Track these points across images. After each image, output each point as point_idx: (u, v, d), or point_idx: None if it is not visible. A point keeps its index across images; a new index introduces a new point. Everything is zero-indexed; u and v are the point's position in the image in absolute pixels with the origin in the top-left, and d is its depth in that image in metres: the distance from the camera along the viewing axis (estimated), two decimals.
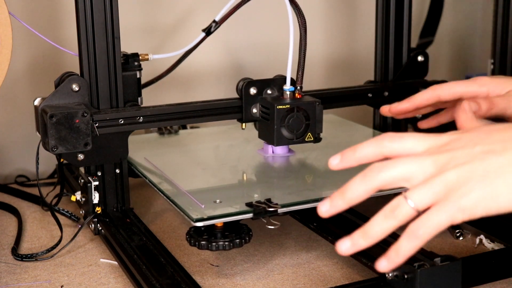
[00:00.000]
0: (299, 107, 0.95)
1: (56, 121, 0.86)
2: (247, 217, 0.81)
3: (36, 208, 1.08)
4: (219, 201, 0.84)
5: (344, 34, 1.48)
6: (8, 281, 0.84)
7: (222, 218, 0.80)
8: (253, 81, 0.98)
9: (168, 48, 1.30)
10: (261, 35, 1.39)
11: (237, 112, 0.99)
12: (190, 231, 0.83)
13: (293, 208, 0.84)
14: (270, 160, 1.02)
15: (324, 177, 0.95)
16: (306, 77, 0.98)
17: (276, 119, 0.94)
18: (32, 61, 1.24)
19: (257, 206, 0.82)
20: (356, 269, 0.86)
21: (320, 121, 0.96)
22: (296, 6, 0.95)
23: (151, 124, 0.95)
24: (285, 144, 0.98)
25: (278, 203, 0.83)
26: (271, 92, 0.98)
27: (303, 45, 0.95)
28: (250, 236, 0.83)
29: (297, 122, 0.95)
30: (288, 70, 0.96)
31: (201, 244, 0.81)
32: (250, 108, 0.98)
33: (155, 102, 0.99)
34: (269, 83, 0.98)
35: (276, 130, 0.95)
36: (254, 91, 0.98)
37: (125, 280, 0.84)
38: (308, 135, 0.96)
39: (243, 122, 0.99)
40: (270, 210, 0.81)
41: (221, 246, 0.80)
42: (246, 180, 0.96)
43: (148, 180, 0.94)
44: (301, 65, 0.96)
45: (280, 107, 0.94)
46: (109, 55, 0.92)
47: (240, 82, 0.99)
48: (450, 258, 0.73)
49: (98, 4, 0.90)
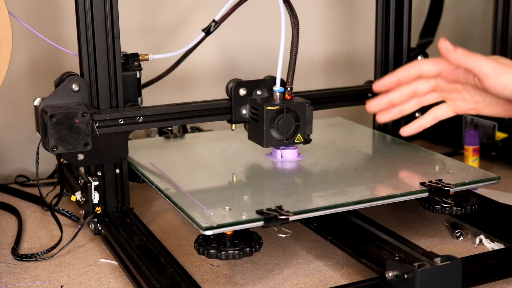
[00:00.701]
0: (289, 108, 0.94)
1: (56, 121, 0.86)
2: (257, 225, 0.79)
3: (36, 208, 1.08)
4: (228, 208, 0.82)
5: (344, 34, 1.48)
6: (8, 281, 0.84)
7: (232, 227, 0.78)
8: (243, 82, 0.97)
9: (168, 48, 1.30)
10: (259, 36, 1.39)
11: (227, 113, 0.98)
12: (198, 239, 0.80)
13: (305, 216, 0.82)
14: (279, 165, 1.00)
15: (334, 182, 0.92)
16: (306, 77, 0.98)
17: (265, 120, 0.93)
18: (32, 61, 1.24)
19: (268, 213, 0.79)
20: (356, 269, 0.86)
21: (310, 122, 0.95)
22: (289, 6, 0.94)
23: (151, 124, 0.95)
24: (275, 146, 0.97)
25: (289, 210, 0.80)
26: (261, 93, 0.98)
27: (295, 46, 0.94)
28: (261, 244, 0.80)
29: (287, 123, 0.94)
30: (278, 70, 0.95)
31: (210, 253, 0.78)
32: (239, 109, 0.97)
33: (155, 102, 0.99)
34: (259, 84, 0.98)
35: (266, 131, 0.93)
36: (243, 92, 0.97)
37: (125, 280, 0.84)
38: (298, 136, 0.95)
39: (232, 123, 0.98)
40: (282, 218, 0.79)
41: (230, 255, 0.78)
42: (255, 186, 0.94)
43: (155, 186, 0.91)
44: (292, 66, 0.95)
45: (269, 108, 0.93)
46: (109, 55, 0.92)
47: (229, 83, 0.98)
48: (450, 258, 0.73)
49: (98, 4, 0.90)
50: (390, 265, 0.74)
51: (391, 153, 1.06)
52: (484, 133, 1.24)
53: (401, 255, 0.78)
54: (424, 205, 0.91)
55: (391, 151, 1.09)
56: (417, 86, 0.87)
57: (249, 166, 1.01)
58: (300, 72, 1.40)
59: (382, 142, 1.15)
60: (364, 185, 0.90)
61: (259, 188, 0.93)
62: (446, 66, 0.84)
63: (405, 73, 0.86)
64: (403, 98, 0.87)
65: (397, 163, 1.00)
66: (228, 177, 0.96)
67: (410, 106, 0.88)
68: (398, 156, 1.04)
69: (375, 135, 1.17)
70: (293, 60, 0.95)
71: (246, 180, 0.96)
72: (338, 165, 0.99)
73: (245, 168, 1.00)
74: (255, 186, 0.94)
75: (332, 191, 0.89)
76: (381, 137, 1.16)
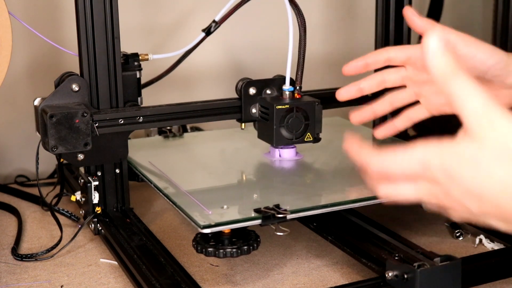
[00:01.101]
0: (298, 107, 0.95)
1: (56, 121, 0.86)
2: (255, 224, 0.79)
3: (36, 208, 1.08)
4: (226, 207, 0.82)
5: (344, 34, 1.48)
6: (8, 281, 0.84)
7: (230, 225, 0.78)
8: (253, 81, 0.98)
9: (168, 48, 1.30)
10: (261, 35, 1.39)
11: (237, 112, 0.99)
12: (196, 237, 0.81)
13: (303, 214, 0.82)
14: (277, 164, 1.00)
15: (332, 181, 0.93)
16: (306, 77, 0.98)
17: (275, 119, 0.94)
18: (32, 61, 1.24)
19: (265, 212, 0.79)
20: (356, 269, 0.86)
21: (320, 121, 0.96)
22: (295, 6, 0.95)
23: (151, 124, 0.95)
24: (284, 144, 0.98)
25: (287, 209, 0.81)
26: (271, 92, 0.98)
27: (303, 45, 0.95)
28: (259, 242, 0.81)
29: (296, 122, 0.95)
30: (287, 70, 0.96)
31: (208, 251, 0.79)
32: (249, 108, 0.98)
33: (155, 102, 0.99)
34: (269, 83, 0.98)
35: (276, 130, 0.94)
36: (253, 91, 0.98)
37: (125, 280, 0.84)
38: (308, 135, 0.96)
39: (242, 122, 0.99)
40: (279, 216, 0.79)
41: (228, 253, 0.78)
42: (253, 184, 0.95)
43: (154, 185, 0.92)
44: (301, 65, 0.96)
45: (279, 107, 0.94)
46: (109, 55, 0.92)
47: (239, 82, 0.99)
48: (450, 258, 0.73)
49: (98, 4, 0.90)
50: (390, 265, 0.74)
51: None
52: None
53: (401, 255, 0.78)
54: None
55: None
56: (386, 75, 0.84)
57: (247, 165, 1.01)
58: None
59: (381, 142, 1.15)
60: (361, 184, 0.91)
61: (257, 187, 0.93)
62: (414, 51, 0.81)
63: (372, 57, 0.83)
64: (372, 86, 0.85)
65: None
66: (226, 176, 0.97)
67: (383, 106, 0.86)
68: None
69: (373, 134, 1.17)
70: (301, 59, 0.96)
71: (244, 179, 0.97)
72: (336, 164, 1.00)
73: (244, 167, 1.01)
74: (253, 185, 0.94)
75: (329, 189, 0.90)
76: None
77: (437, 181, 0.57)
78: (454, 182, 0.56)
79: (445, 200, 0.58)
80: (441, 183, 0.57)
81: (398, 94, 0.86)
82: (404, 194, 0.61)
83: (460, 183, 0.56)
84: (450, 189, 0.57)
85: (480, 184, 0.54)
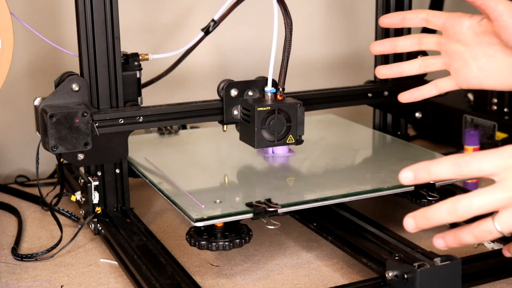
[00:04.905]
0: (280, 109, 0.94)
1: (56, 121, 0.86)
2: (247, 217, 0.81)
3: (36, 208, 1.08)
4: (219, 201, 0.84)
5: (344, 34, 1.48)
6: (8, 281, 0.84)
7: (222, 218, 0.80)
8: (234, 83, 0.97)
9: (168, 48, 1.30)
10: (254, 36, 1.38)
11: (218, 114, 0.97)
12: (190, 231, 0.83)
13: (293, 208, 0.84)
14: (270, 160, 1.02)
15: (324, 177, 0.95)
16: (306, 77, 0.98)
17: (256, 121, 0.93)
18: (32, 61, 1.24)
19: (257, 206, 0.82)
20: (356, 269, 0.86)
21: (302, 123, 0.95)
22: (283, 7, 0.93)
23: (151, 124, 0.95)
24: (266, 147, 0.96)
25: (278, 203, 0.83)
26: (252, 93, 0.97)
27: (287, 46, 0.94)
28: (250, 236, 0.82)
29: (278, 124, 0.94)
30: (270, 71, 0.95)
31: (201, 244, 0.80)
32: (231, 109, 0.97)
33: (155, 102, 0.99)
34: (251, 84, 0.97)
35: (257, 132, 0.93)
36: (235, 92, 0.96)
37: (125, 280, 0.84)
38: (290, 137, 0.95)
39: (223, 124, 0.98)
40: (270, 210, 0.81)
41: (221, 246, 0.80)
42: (246, 180, 0.96)
43: (148, 180, 0.94)
44: (284, 66, 0.94)
45: (260, 109, 0.92)
46: (109, 55, 0.92)
47: (221, 83, 0.97)
48: (450, 258, 0.73)
49: (98, 4, 0.90)
50: (390, 265, 0.74)
51: (382, 150, 1.10)
52: (484, 133, 1.24)
53: (401, 255, 0.78)
54: (411, 199, 0.92)
55: (384, 148, 1.12)
56: (422, 37, 0.85)
57: (241, 161, 1.02)
58: (300, 72, 1.41)
59: (381, 142, 1.15)
60: (352, 180, 0.93)
61: (250, 182, 0.95)
62: (451, 20, 0.82)
63: (411, 13, 0.84)
64: (406, 44, 0.85)
65: (387, 159, 1.02)
66: (220, 172, 0.98)
67: (411, 67, 0.86)
68: (390, 153, 1.06)
69: (364, 130, 1.18)
70: (285, 60, 0.94)
71: (237, 174, 0.98)
72: (328, 160, 1.02)
73: (237, 163, 1.02)
74: (246, 180, 0.96)
75: (321, 185, 0.91)
76: (375, 135, 1.17)
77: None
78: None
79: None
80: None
81: (429, 59, 0.86)
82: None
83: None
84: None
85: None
